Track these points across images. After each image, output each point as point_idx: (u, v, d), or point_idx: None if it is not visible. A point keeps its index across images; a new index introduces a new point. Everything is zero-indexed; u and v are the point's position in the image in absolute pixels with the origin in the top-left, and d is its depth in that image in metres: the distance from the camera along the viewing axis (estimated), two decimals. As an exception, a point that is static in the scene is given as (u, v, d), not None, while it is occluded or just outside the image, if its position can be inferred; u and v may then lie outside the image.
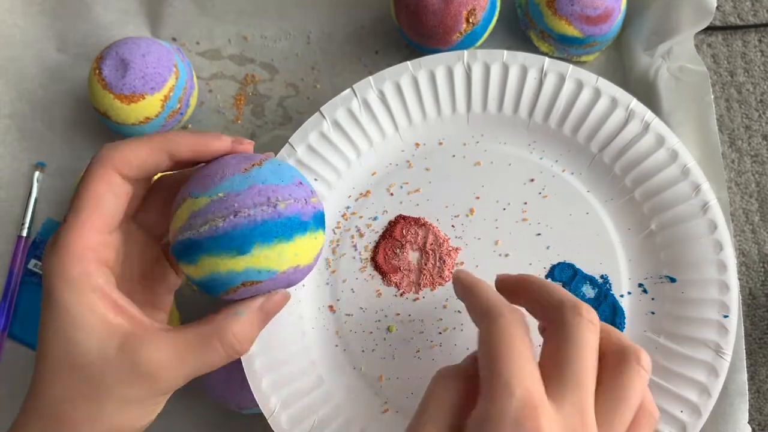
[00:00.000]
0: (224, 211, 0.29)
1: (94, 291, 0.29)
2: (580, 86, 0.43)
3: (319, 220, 0.32)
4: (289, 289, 0.34)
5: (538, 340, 0.32)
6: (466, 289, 0.33)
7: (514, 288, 0.34)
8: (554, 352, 0.29)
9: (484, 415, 0.27)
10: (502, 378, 0.27)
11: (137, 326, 0.30)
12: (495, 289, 0.33)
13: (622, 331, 0.42)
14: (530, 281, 0.33)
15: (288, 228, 0.30)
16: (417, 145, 0.44)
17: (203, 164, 0.33)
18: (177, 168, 0.33)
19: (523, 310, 0.31)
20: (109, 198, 0.30)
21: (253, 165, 0.31)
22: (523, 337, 0.28)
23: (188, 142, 0.31)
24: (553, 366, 0.29)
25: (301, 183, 0.32)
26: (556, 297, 0.31)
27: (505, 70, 0.43)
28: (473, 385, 0.29)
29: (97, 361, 0.29)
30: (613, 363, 0.30)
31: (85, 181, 0.30)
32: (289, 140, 0.43)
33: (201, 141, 0.32)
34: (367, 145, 0.44)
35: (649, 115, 0.42)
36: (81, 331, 0.29)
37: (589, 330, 0.29)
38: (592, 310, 0.30)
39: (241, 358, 0.40)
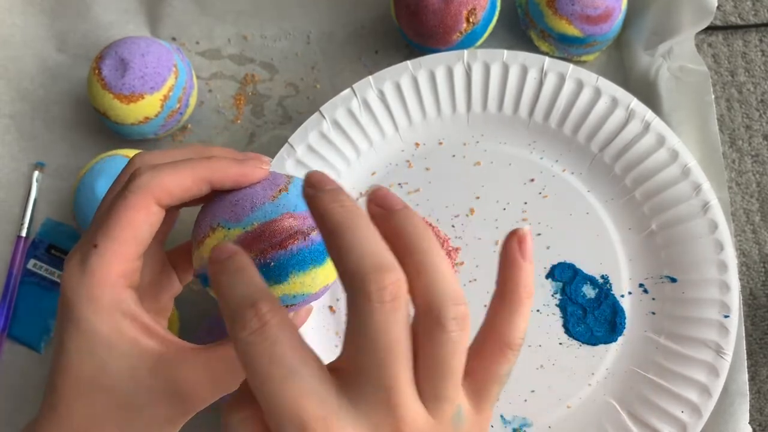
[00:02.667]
0: (261, 245, 0.30)
1: (125, 316, 0.29)
2: (580, 86, 0.43)
3: None
4: None
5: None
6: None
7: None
8: (349, 336, 0.24)
9: None
10: (266, 405, 0.22)
11: (169, 347, 0.30)
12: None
13: (622, 331, 0.41)
14: (322, 209, 0.24)
15: (320, 253, 0.30)
16: (417, 144, 0.44)
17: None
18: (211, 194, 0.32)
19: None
20: (143, 227, 0.30)
21: (280, 191, 0.31)
22: (280, 345, 0.23)
23: (234, 175, 0.31)
24: (351, 352, 0.24)
25: None
26: (349, 260, 0.23)
27: (505, 69, 0.43)
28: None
29: (128, 383, 0.29)
30: (423, 327, 0.24)
31: (124, 207, 0.29)
32: (289, 140, 0.43)
33: (245, 172, 0.31)
34: (366, 145, 0.44)
35: (649, 114, 0.42)
36: (113, 354, 0.29)
37: (386, 315, 0.23)
38: (394, 270, 0.23)
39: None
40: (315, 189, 0.24)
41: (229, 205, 0.31)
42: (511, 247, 0.26)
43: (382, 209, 0.25)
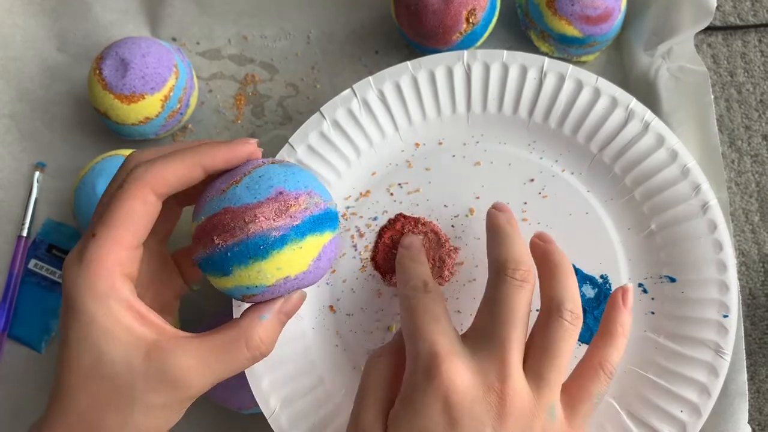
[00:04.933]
0: (205, 239, 0.31)
1: (121, 303, 0.30)
2: (579, 86, 0.43)
3: (307, 228, 0.32)
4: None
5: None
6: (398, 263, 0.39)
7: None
8: (482, 307, 0.34)
9: (407, 378, 0.32)
10: (411, 340, 0.33)
11: (162, 335, 0.31)
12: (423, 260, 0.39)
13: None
14: (497, 229, 0.36)
15: (258, 248, 0.30)
16: (417, 145, 0.44)
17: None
18: (209, 179, 0.33)
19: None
20: (141, 217, 0.31)
21: (231, 184, 0.32)
22: (434, 304, 0.34)
23: (222, 155, 0.32)
24: (479, 319, 0.34)
25: (281, 192, 0.31)
26: (500, 253, 0.34)
27: (505, 70, 0.43)
28: (402, 357, 0.34)
29: (124, 370, 0.29)
30: (542, 317, 0.33)
31: (120, 197, 0.30)
32: (289, 140, 0.43)
33: (233, 150, 0.32)
34: (367, 145, 0.44)
35: (648, 115, 0.42)
36: (109, 341, 0.29)
37: (514, 290, 0.33)
38: (529, 266, 0.34)
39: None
40: (498, 209, 0.38)
41: (200, 200, 0.33)
42: (616, 295, 0.36)
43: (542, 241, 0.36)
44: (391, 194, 0.44)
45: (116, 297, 0.30)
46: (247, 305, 0.36)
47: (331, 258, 0.33)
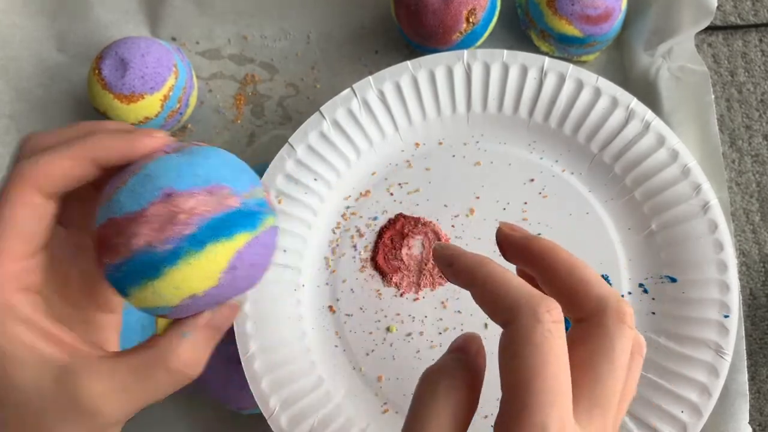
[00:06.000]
0: (97, 255, 0.26)
1: (21, 322, 0.26)
2: (580, 86, 0.43)
3: (206, 235, 0.25)
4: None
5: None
6: (468, 271, 0.27)
7: (525, 255, 0.29)
8: (587, 363, 0.25)
9: None
10: (534, 416, 0.23)
11: (73, 355, 0.26)
12: (513, 272, 0.27)
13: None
14: (555, 256, 0.27)
15: (147, 266, 0.25)
16: (417, 145, 0.44)
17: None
18: (109, 174, 0.28)
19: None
20: (29, 222, 0.26)
21: (116, 188, 0.26)
22: (562, 348, 0.24)
23: (118, 150, 0.27)
24: (586, 380, 0.25)
25: (170, 194, 0.25)
26: (595, 291, 0.26)
27: (505, 69, 0.43)
28: (469, 386, 0.27)
29: (34, 396, 0.26)
30: (584, 330, 0.26)
31: (3, 203, 0.26)
32: (289, 140, 0.43)
33: (130, 145, 0.27)
34: (366, 145, 0.44)
35: (649, 114, 0.42)
36: (13, 366, 0.26)
37: (628, 341, 0.25)
38: (631, 310, 0.26)
39: (241, 358, 0.40)
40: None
41: (99, 199, 0.27)
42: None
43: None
44: (391, 194, 0.44)
45: (13, 316, 0.26)
46: None
47: (260, 263, 0.27)
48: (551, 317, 0.24)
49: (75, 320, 0.30)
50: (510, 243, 0.30)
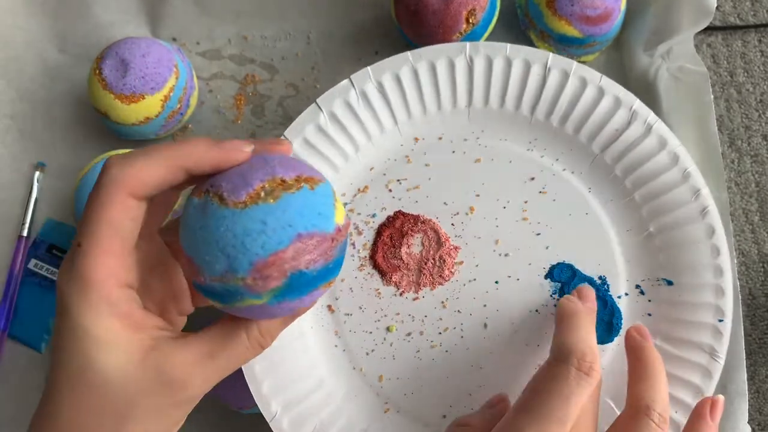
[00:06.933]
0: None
1: (115, 314, 0.29)
2: (583, 84, 0.42)
3: (325, 272, 0.29)
4: None
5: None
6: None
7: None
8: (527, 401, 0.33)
9: None
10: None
11: (158, 339, 0.30)
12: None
13: (618, 332, 0.41)
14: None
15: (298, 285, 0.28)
16: (416, 139, 0.44)
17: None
18: (195, 181, 0.31)
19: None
20: (125, 223, 0.29)
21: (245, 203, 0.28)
22: None
23: (211, 161, 0.29)
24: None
25: (300, 234, 0.27)
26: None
27: (508, 64, 0.43)
28: None
29: (118, 378, 0.29)
30: (628, 415, 0.35)
31: (97, 205, 0.28)
32: (284, 133, 0.42)
33: (223, 156, 0.29)
34: (365, 139, 0.43)
35: (651, 117, 0.42)
36: (103, 352, 0.28)
37: (578, 378, 0.33)
38: (595, 357, 0.34)
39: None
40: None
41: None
42: (703, 407, 0.35)
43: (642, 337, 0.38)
44: (390, 191, 0.44)
45: (110, 308, 0.29)
46: None
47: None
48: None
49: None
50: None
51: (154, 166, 0.29)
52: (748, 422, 0.41)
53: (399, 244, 0.43)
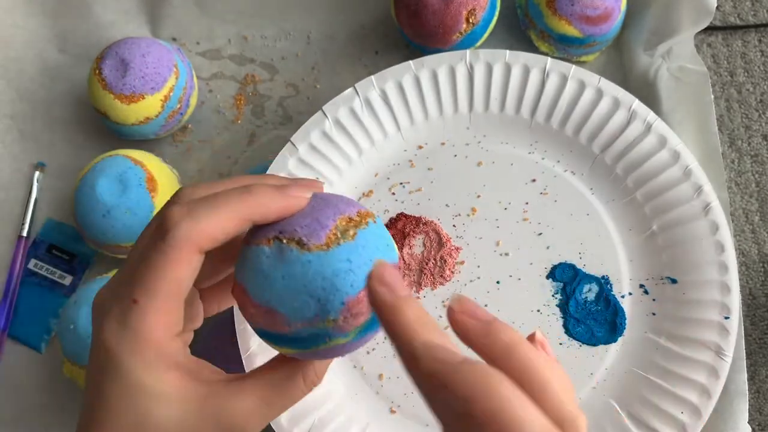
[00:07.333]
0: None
1: (170, 367, 0.28)
2: (582, 87, 0.43)
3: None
4: None
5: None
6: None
7: (486, 352, 0.26)
8: None
9: None
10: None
11: (214, 386, 0.29)
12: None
13: (622, 332, 0.41)
14: (521, 358, 0.25)
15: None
16: (420, 147, 0.44)
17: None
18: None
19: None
20: (187, 279, 0.28)
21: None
22: None
23: (276, 209, 0.28)
24: None
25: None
26: (555, 413, 0.23)
27: (508, 69, 0.43)
28: None
29: (175, 429, 0.28)
30: None
31: (163, 262, 0.27)
32: (291, 139, 0.43)
33: (291, 205, 0.28)
34: (368, 145, 0.44)
35: (651, 116, 0.42)
36: (159, 405, 0.28)
37: None
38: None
39: (242, 358, 0.40)
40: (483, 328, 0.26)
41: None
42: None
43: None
44: (393, 194, 0.44)
45: (166, 362, 0.28)
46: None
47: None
48: None
49: None
50: (467, 336, 0.26)
51: (224, 220, 0.28)
52: (748, 422, 0.41)
53: (401, 246, 0.43)
